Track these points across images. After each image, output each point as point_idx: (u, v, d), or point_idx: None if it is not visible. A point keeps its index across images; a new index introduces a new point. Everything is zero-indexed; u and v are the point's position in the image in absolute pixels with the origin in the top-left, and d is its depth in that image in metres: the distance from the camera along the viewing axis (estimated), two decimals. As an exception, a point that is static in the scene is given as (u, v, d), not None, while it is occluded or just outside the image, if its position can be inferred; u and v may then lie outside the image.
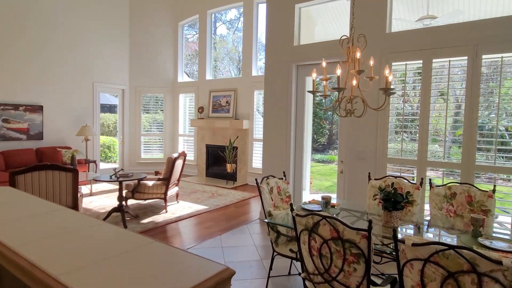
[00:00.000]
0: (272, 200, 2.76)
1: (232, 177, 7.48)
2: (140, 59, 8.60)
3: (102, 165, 9.00)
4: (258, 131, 7.29)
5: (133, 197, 4.84)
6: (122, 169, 4.58)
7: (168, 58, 8.79)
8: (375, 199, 2.80)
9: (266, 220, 2.32)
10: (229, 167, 7.32)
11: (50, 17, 6.93)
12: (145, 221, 4.47)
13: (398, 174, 3.37)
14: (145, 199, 4.88)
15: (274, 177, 2.92)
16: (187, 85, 8.68)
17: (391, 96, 2.47)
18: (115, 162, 10.57)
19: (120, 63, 8.36)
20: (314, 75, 2.23)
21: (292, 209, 1.89)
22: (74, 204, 3.67)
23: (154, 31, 8.67)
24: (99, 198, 5.77)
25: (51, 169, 3.49)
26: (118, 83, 8.37)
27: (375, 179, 2.98)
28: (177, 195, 5.46)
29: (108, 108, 12.81)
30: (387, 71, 2.05)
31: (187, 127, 8.81)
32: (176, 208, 5.14)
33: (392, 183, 2.62)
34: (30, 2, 6.60)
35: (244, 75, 7.52)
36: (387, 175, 3.02)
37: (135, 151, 8.73)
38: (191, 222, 4.56)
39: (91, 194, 5.99)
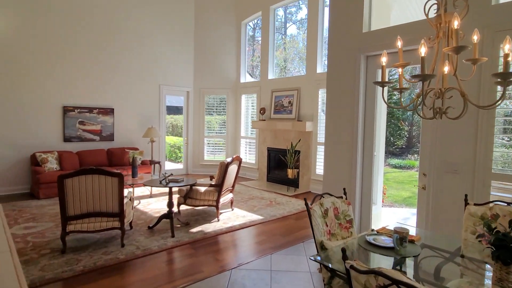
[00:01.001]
0: (327, 225, 2.15)
1: (293, 183, 6.91)
2: (204, 60, 8.59)
3: (170, 166, 9.25)
4: (322, 134, 6.59)
5: (185, 203, 4.63)
6: (171, 174, 4.38)
7: (231, 58, 8.61)
8: (477, 235, 1.99)
9: (312, 258, 1.73)
10: (290, 173, 6.77)
11: (120, 24, 7.26)
12: (194, 230, 4.20)
13: (511, 197, 2.44)
14: (197, 206, 4.63)
15: (330, 195, 2.30)
16: (249, 85, 8.38)
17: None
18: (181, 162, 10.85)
19: (185, 65, 8.45)
20: (383, 59, 1.57)
21: (344, 256, 1.28)
22: (120, 210, 3.54)
23: (217, 31, 8.57)
24: (158, 200, 5.75)
25: (97, 174, 3.39)
26: (183, 85, 8.46)
27: (475, 204, 2.15)
28: (231, 202, 5.13)
29: (176, 110, 13.32)
30: (507, 47, 1.29)
31: (249, 129, 8.51)
32: (229, 217, 4.79)
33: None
34: (99, 12, 6.99)
35: (308, 73, 6.89)
36: (494, 200, 2.15)
37: (199, 153, 8.74)
38: (243, 235, 4.15)
39: (150, 196, 6.03)
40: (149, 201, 5.67)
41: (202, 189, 4.62)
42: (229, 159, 4.68)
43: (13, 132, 6.05)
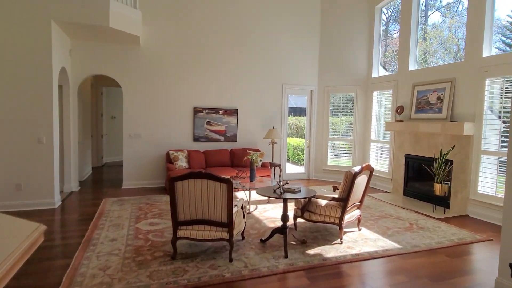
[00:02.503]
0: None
1: (442, 202, 5.39)
2: (331, 55, 7.79)
3: (292, 168, 8.84)
4: (490, 140, 4.89)
5: (302, 216, 4.00)
6: (286, 182, 3.81)
7: (361, 51, 7.53)
8: None
9: None
10: (438, 188, 5.29)
11: (249, 28, 7.22)
12: (311, 251, 3.52)
13: None
14: (316, 221, 3.93)
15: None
16: (383, 80, 7.12)
17: None
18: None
19: (309, 61, 7.86)
20: None
21: None
22: (229, 220, 3.18)
23: (346, 22, 7.64)
24: (275, 207, 5.33)
25: (206, 178, 3.11)
26: (307, 83, 7.89)
27: None
28: (358, 220, 4.22)
29: (299, 111, 12.88)
30: None
31: (381, 131, 7.25)
32: (355, 239, 3.90)
33: None
34: (231, 19, 7.07)
35: (467, 59, 5.25)
36: None
37: (322, 156, 8.01)
38: (373, 268, 3.22)
39: (268, 201, 5.66)
40: (265, 208, 5.31)
41: (323, 202, 3.89)
42: (356, 168, 3.80)
43: (154, 131, 6.69)
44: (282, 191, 3.57)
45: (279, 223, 4.38)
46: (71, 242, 3.67)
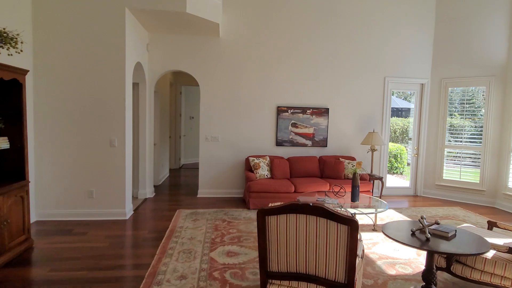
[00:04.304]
0: None
1: None
2: (450, 39, 6.04)
3: (392, 182, 7.29)
4: None
5: (447, 269, 2.65)
6: (436, 222, 2.49)
7: (496, 30, 5.63)
8: None
9: None
10: None
11: (343, 10, 5.96)
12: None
13: None
14: (473, 280, 2.54)
15: None
16: (537, 68, 5.15)
17: None
18: (401, 173, 8.60)
19: (420, 48, 6.23)
20: None
21: None
22: (349, 279, 2.04)
23: (477, -7, 5.81)
24: (386, 240, 4.00)
25: (314, 214, 2.01)
26: (416, 75, 6.27)
27: None
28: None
29: (396, 112, 11.00)
30: None
31: (531, 138, 5.29)
32: (546, 318, 2.40)
33: None
34: (318, 2, 5.90)
35: None
36: None
37: (434, 168, 6.31)
38: None
39: (374, 228, 4.34)
40: (372, 238, 4.01)
41: (489, 254, 2.49)
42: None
43: (233, 134, 5.89)
44: (428, 236, 2.29)
45: (402, 269, 3.07)
46: (133, 274, 2.95)
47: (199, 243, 3.68)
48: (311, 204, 2.00)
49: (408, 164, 8.43)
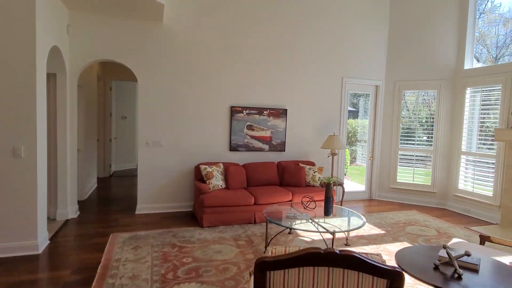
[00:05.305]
0: None
1: None
2: (403, 42, 6.01)
3: (350, 186, 7.06)
4: None
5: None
6: (467, 254, 2.03)
7: (446, 35, 5.72)
8: None
9: None
10: None
11: (298, 3, 5.50)
12: None
13: None
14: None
15: None
16: (484, 73, 5.30)
17: None
18: (345, 174, 8.55)
19: (376, 50, 6.10)
20: None
21: None
22: None
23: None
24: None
25: (342, 266, 1.36)
26: (372, 77, 6.13)
27: None
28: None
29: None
30: None
31: (477, 141, 5.44)
32: None
33: None
34: (281, -19, 5.36)
35: None
36: None
37: (388, 171, 6.23)
38: None
39: (346, 244, 3.90)
40: (350, 256, 3.55)
41: (513, 283, 2.13)
42: None
43: (180, 138, 5.00)
44: (460, 272, 1.82)
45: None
46: None
47: (145, 285, 2.80)
48: (338, 252, 1.35)
49: (352, 163, 8.45)
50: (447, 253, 1.92)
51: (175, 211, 5.03)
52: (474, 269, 1.91)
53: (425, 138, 6.02)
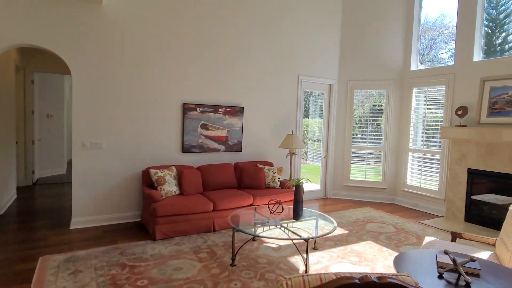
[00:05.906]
0: None
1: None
2: (354, 41, 6.12)
3: (306, 186, 6.99)
4: None
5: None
6: (471, 259, 1.90)
7: (394, 36, 5.96)
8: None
9: None
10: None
11: (251, 3, 5.22)
12: None
13: None
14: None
15: None
16: (429, 74, 5.61)
17: None
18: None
19: (329, 48, 6.10)
20: None
21: None
22: None
23: (376, 1, 6.02)
24: (332, 258, 3.41)
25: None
26: (326, 76, 6.12)
27: None
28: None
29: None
30: None
31: (422, 139, 5.75)
32: None
33: None
34: (236, -30, 5.01)
35: None
36: None
37: (342, 169, 6.30)
38: None
39: (314, 247, 3.71)
40: (319, 260, 3.37)
41: None
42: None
43: (124, 139, 4.35)
44: (469, 280, 1.68)
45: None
46: None
47: (92, 322, 2.24)
48: (376, 280, 1.06)
49: (302, 162, 8.47)
50: (453, 260, 1.79)
51: (120, 223, 4.37)
52: (475, 274, 1.81)
53: (375, 136, 6.20)
